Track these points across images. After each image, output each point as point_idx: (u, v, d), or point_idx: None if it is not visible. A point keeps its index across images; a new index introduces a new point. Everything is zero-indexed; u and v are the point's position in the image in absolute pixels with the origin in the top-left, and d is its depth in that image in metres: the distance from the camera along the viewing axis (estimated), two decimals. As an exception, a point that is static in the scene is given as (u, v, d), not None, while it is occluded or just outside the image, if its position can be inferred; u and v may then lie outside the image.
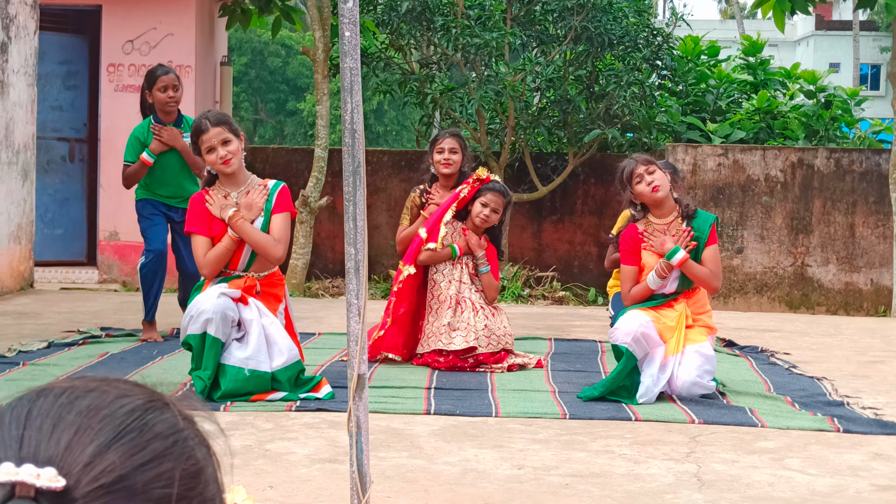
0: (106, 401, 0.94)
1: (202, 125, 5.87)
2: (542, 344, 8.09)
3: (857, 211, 11.95)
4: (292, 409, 5.55)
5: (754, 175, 11.94)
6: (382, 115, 32.92)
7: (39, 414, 0.92)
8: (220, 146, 5.85)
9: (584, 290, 13.17)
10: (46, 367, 6.48)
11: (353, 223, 3.95)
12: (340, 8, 3.91)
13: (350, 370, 3.80)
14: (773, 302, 11.88)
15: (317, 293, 12.43)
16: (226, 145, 5.85)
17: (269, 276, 5.99)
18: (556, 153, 13.78)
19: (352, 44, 3.92)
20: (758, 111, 13.20)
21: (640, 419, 5.52)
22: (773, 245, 11.92)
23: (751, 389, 6.36)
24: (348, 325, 3.94)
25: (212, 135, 5.84)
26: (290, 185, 13.71)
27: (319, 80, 12.31)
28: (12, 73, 10.39)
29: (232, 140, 5.87)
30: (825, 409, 5.85)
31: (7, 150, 10.32)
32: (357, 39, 3.90)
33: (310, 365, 6.76)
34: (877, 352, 8.25)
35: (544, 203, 13.46)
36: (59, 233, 12.96)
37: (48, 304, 9.79)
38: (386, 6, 13.42)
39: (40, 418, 0.92)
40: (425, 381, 6.36)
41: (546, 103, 13.78)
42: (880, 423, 5.52)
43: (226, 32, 14.21)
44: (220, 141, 5.84)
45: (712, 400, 5.99)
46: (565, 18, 13.42)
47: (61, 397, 0.94)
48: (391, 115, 34.42)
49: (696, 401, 5.95)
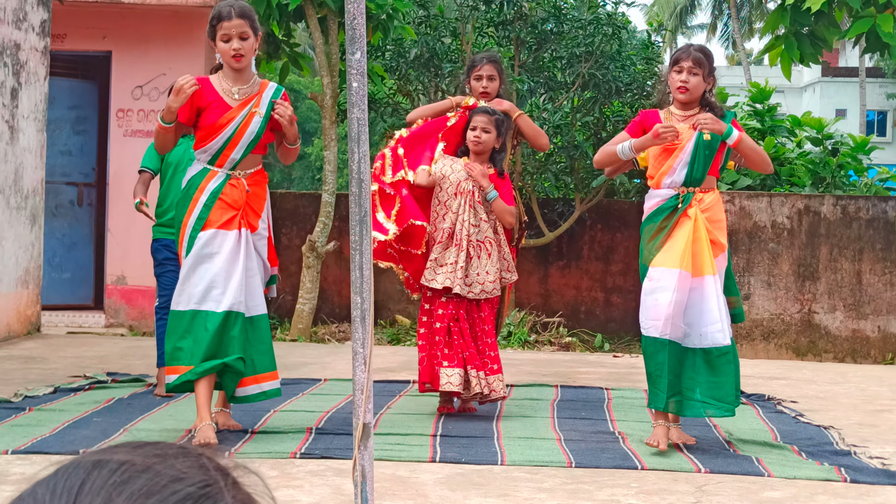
0: (159, 485, 0.90)
1: (225, 11, 5.79)
2: (549, 391, 8.08)
3: (863, 258, 11.95)
4: (296, 455, 5.54)
5: (761, 221, 11.96)
6: (390, 160, 33.09)
7: (91, 490, 0.90)
8: (237, 38, 5.78)
9: (590, 335, 13.16)
10: (52, 413, 6.47)
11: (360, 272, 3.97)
12: (349, 59, 3.95)
13: (355, 419, 3.81)
14: (780, 349, 11.85)
15: (323, 338, 12.42)
16: (243, 40, 5.79)
17: (256, 174, 5.95)
18: (563, 199, 13.82)
19: (359, 94, 3.95)
20: (764, 158, 13.23)
21: (646, 468, 5.51)
22: (780, 292, 11.91)
23: (758, 438, 6.34)
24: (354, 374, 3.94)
25: (233, 24, 5.77)
26: (298, 230, 13.82)
27: (327, 125, 12.38)
28: (22, 118, 10.46)
29: (250, 36, 5.81)
30: (832, 458, 5.83)
31: (16, 194, 10.37)
32: (364, 90, 3.93)
33: (314, 411, 6.77)
34: (884, 400, 8.23)
35: (551, 249, 13.47)
36: (67, 276, 12.99)
37: (55, 348, 9.80)
38: (394, 52, 13.50)
39: (90, 496, 0.89)
40: (431, 429, 6.36)
41: (553, 149, 13.83)
42: (887, 474, 5.50)
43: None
44: (238, 33, 5.77)
45: (719, 449, 5.98)
46: (573, 65, 13.50)
47: (115, 474, 0.91)
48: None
49: (703, 449, 5.93)
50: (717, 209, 6.03)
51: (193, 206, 5.80)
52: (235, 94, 5.86)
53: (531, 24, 13.53)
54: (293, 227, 14.04)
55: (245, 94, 5.88)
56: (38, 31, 10.78)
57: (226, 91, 5.85)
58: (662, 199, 6.00)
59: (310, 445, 5.75)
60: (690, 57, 6.00)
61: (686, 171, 5.97)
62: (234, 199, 5.80)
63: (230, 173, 5.85)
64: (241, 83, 5.89)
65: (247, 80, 5.91)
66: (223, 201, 5.79)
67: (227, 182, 5.82)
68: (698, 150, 5.97)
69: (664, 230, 5.96)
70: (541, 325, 13.01)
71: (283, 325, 13.23)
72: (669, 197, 5.99)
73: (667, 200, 5.99)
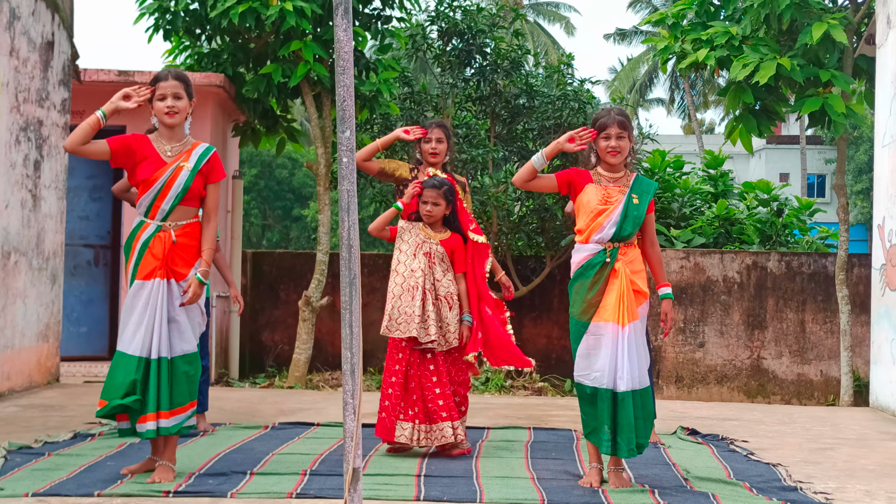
0: None
1: (163, 74, 5.88)
2: (523, 433, 8.05)
3: (806, 308, 11.99)
4: (293, 495, 5.50)
5: (713, 276, 12.00)
6: (378, 221, 33.19)
7: None
8: (171, 97, 5.83)
9: (560, 380, 13.15)
10: (69, 458, 6.42)
11: (350, 329, 3.97)
12: (339, 137, 3.98)
13: (346, 464, 3.80)
14: (733, 391, 11.85)
15: (317, 385, 12.38)
16: (176, 99, 5.84)
17: (187, 227, 5.90)
18: (535, 256, 13.84)
19: (349, 169, 3.97)
20: (717, 218, 13.30)
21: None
22: (732, 339, 11.92)
23: (712, 475, 6.32)
24: (344, 422, 3.93)
25: (169, 84, 5.83)
26: (295, 286, 13.80)
27: (321, 192, 12.40)
28: (44, 187, 10.46)
29: (183, 97, 5.86)
30: (780, 493, 5.82)
31: (38, 256, 10.34)
32: (353, 165, 3.95)
33: (309, 454, 6.73)
34: (827, 439, 8.23)
35: (524, 301, 13.48)
36: (84, 330, 12.93)
37: (72, 397, 9.73)
38: (381, 125, 13.56)
39: None
40: (416, 469, 6.32)
41: (526, 212, 13.87)
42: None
43: (237, 149, 14.33)
44: (172, 93, 5.83)
45: (677, 486, 5.96)
46: (543, 136, 13.58)
47: None
48: (386, 220, 34.57)
49: (663, 486, 5.92)
50: (637, 261, 6.03)
51: (131, 258, 5.89)
52: (168, 152, 5.89)
53: (505, 100, 13.62)
54: (290, 283, 14.02)
55: (177, 152, 5.90)
56: (59, 108, 10.80)
57: (161, 149, 5.88)
58: (591, 254, 6.00)
59: (305, 486, 5.72)
60: (615, 122, 5.97)
61: (615, 229, 5.98)
62: (157, 251, 5.82)
63: (161, 224, 5.85)
64: (175, 141, 5.91)
65: (179, 139, 5.92)
66: (150, 252, 5.84)
67: (155, 234, 5.84)
68: (628, 212, 5.99)
69: (597, 285, 5.96)
70: (515, 372, 12.99)
71: (281, 373, 13.18)
72: (597, 252, 5.99)
73: (595, 255, 5.99)
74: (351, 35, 3.95)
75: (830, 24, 10.90)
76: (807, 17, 11.19)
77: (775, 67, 11.05)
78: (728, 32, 11.50)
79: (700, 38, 11.67)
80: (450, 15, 13.46)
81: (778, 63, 11.07)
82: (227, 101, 12.89)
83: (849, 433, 8.65)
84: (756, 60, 11.16)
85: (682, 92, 49.04)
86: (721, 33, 11.53)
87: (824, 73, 11.11)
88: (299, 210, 34.47)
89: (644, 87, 50.39)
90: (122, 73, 12.26)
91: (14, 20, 9.69)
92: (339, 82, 3.90)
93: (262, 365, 13.91)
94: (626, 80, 49.61)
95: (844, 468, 6.81)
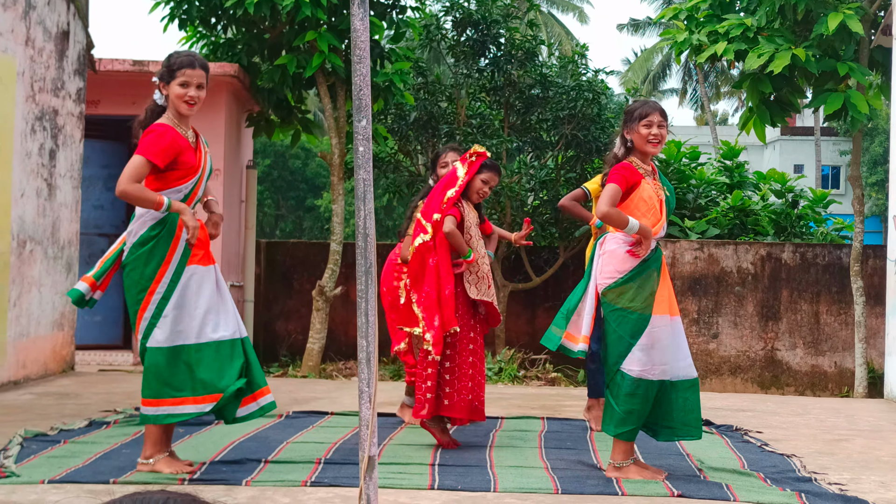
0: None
1: (188, 61, 5.58)
2: (537, 423, 8.04)
3: (821, 300, 11.96)
4: (307, 484, 5.51)
5: (728, 267, 11.97)
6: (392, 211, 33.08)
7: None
8: (195, 87, 5.58)
9: (573, 371, 13.14)
10: (84, 445, 6.44)
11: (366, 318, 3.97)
12: (356, 126, 3.97)
13: (361, 452, 3.80)
14: (746, 383, 11.83)
15: (331, 374, 12.39)
16: (199, 89, 5.60)
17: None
18: (549, 247, 13.83)
19: (365, 158, 3.96)
20: (732, 209, 13.27)
21: (626, 494, 5.48)
22: (746, 331, 11.90)
23: (726, 466, 6.31)
24: (360, 411, 3.94)
25: (196, 73, 5.57)
26: (308, 276, 13.81)
27: (335, 182, 12.41)
28: (59, 177, 10.48)
29: (204, 88, 5.63)
30: (794, 484, 5.80)
31: (53, 245, 10.37)
32: (370, 154, 3.94)
33: (323, 443, 6.74)
34: (841, 430, 8.20)
35: (538, 292, 13.48)
36: (98, 319, 12.97)
37: (87, 385, 9.76)
38: (396, 116, 13.56)
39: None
40: (430, 458, 6.33)
41: (539, 202, 13.86)
42: (844, 499, 5.47)
43: (251, 139, 14.34)
44: (197, 83, 5.58)
45: (691, 476, 5.96)
46: (557, 127, 13.56)
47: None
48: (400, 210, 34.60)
49: (677, 476, 5.91)
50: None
51: (175, 244, 5.60)
52: (190, 137, 5.68)
53: (519, 90, 13.60)
54: (304, 273, 14.04)
55: (192, 138, 5.72)
56: (74, 98, 10.82)
57: (185, 135, 5.65)
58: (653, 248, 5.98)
59: (319, 474, 5.72)
60: (658, 111, 5.86)
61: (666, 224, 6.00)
62: (202, 235, 5.69)
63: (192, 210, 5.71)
64: (186, 126, 5.68)
65: (189, 125, 5.71)
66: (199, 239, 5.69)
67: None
68: (670, 206, 6.00)
69: (659, 277, 5.92)
70: (529, 362, 12.99)
71: (295, 363, 13.20)
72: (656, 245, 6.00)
73: (656, 251, 5.98)
74: (367, 24, 3.94)
75: (846, 15, 10.84)
76: (822, 8, 11.14)
77: (790, 57, 11.01)
78: (743, 24, 11.46)
79: (717, 31, 11.62)
80: (464, 5, 13.44)
81: (793, 53, 11.02)
82: (242, 91, 12.90)
83: (863, 424, 8.63)
84: (771, 51, 11.11)
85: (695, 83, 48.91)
86: (736, 25, 11.48)
87: (842, 67, 11.04)
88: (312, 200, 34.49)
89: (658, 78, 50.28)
90: (137, 63, 12.28)
91: (30, 9, 9.71)
92: (355, 71, 3.90)
93: (275, 354, 13.94)
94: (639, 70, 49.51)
95: (859, 459, 6.79)
